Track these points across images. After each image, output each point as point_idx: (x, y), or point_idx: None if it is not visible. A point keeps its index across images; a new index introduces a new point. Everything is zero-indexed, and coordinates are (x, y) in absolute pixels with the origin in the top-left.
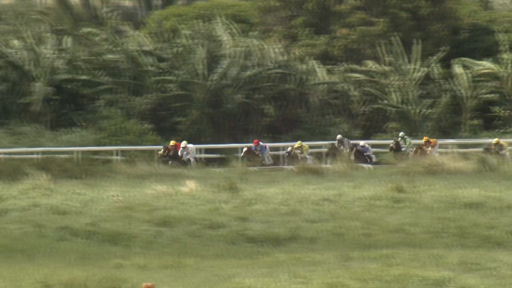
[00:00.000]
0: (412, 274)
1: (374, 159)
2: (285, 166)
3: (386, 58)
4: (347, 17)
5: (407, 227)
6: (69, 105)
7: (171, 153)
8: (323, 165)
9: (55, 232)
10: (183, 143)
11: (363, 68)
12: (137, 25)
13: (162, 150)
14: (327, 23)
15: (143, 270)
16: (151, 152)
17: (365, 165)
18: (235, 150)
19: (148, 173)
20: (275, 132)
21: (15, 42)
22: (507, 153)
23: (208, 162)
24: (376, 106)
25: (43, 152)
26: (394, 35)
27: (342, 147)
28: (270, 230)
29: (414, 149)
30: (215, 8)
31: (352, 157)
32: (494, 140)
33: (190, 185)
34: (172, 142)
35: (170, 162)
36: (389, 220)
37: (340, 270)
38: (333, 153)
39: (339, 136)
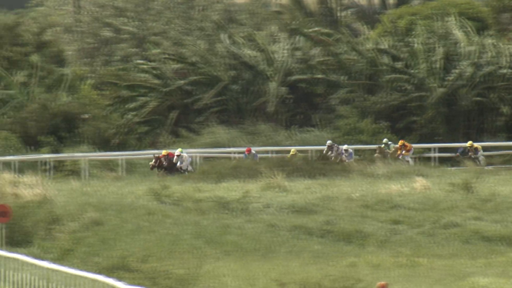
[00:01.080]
0: None
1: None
2: None
3: None
4: None
5: None
6: (303, 104)
7: (164, 163)
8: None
9: (289, 231)
10: (178, 151)
11: None
12: (372, 24)
13: (154, 160)
14: None
15: (376, 269)
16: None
17: None
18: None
19: (381, 172)
20: (511, 131)
21: (248, 43)
22: (482, 157)
23: (442, 161)
24: None
25: (277, 151)
26: None
27: (330, 152)
28: (506, 229)
29: (391, 151)
30: (447, 6)
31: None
32: (468, 143)
33: (421, 184)
34: (164, 152)
35: (164, 170)
36: None
37: None
38: (323, 158)
39: (329, 142)
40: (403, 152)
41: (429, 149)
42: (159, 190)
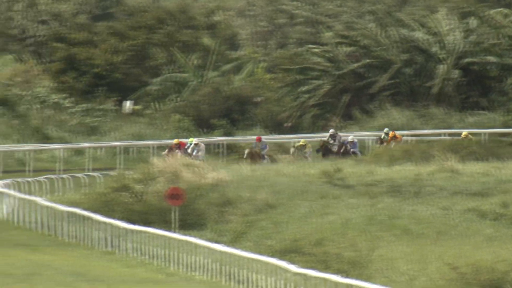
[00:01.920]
0: None
1: (359, 156)
2: None
3: None
4: None
5: None
6: (475, 87)
7: (177, 151)
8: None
9: (462, 214)
10: (195, 140)
11: None
12: None
13: (167, 149)
14: None
15: None
16: None
17: None
18: None
19: None
20: None
21: (420, 26)
22: None
23: None
24: None
25: (450, 134)
26: None
27: (333, 142)
28: None
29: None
30: None
31: (340, 153)
32: (463, 134)
33: None
34: (175, 141)
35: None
36: None
37: None
38: (324, 148)
39: (331, 131)
40: (393, 143)
41: None
42: (332, 173)
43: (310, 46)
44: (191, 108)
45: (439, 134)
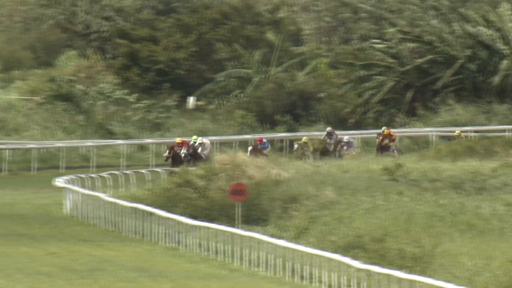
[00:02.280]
0: None
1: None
2: None
3: None
4: None
5: None
6: None
7: (178, 151)
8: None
9: None
10: (199, 139)
11: None
12: None
13: (168, 151)
14: None
15: None
16: None
17: None
18: None
19: None
20: None
21: (484, 21)
22: None
23: None
24: None
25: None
26: None
27: (330, 140)
28: None
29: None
30: None
31: (337, 153)
32: (456, 132)
33: None
34: (178, 140)
35: (189, 158)
36: None
37: None
38: (322, 147)
39: (328, 129)
40: (386, 140)
41: None
42: (393, 168)
43: (374, 41)
44: (255, 104)
45: (503, 130)
